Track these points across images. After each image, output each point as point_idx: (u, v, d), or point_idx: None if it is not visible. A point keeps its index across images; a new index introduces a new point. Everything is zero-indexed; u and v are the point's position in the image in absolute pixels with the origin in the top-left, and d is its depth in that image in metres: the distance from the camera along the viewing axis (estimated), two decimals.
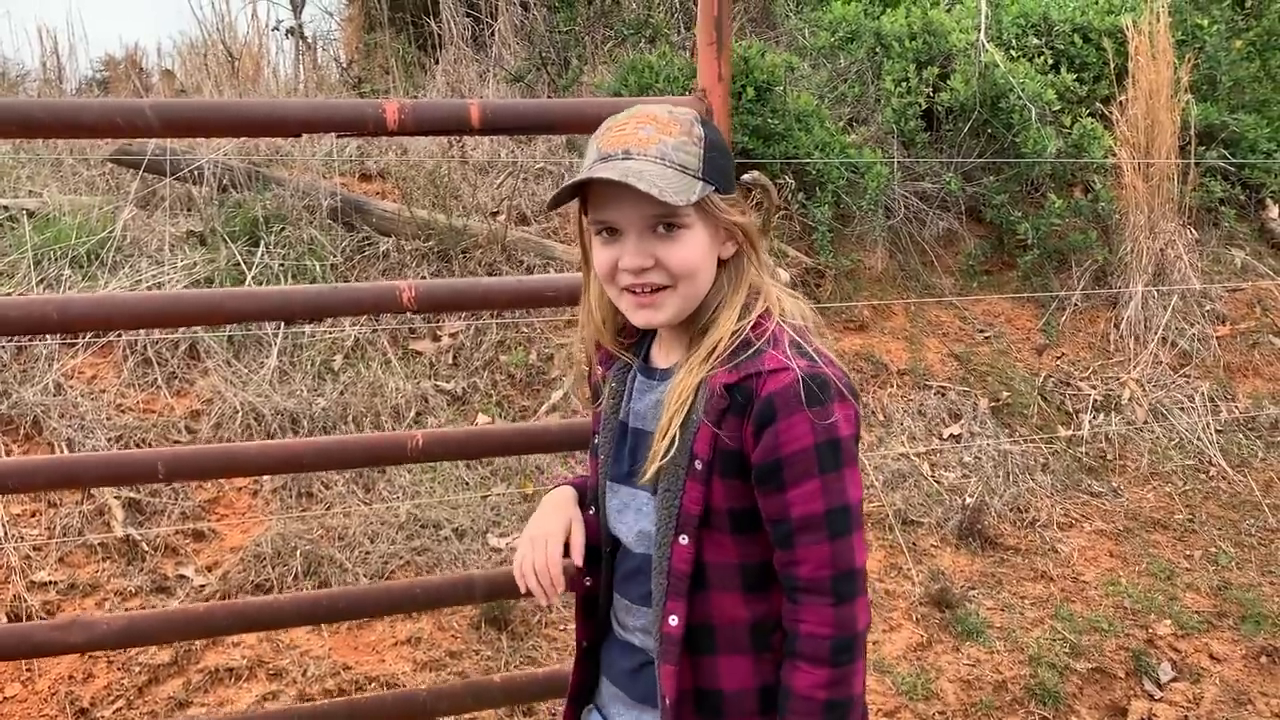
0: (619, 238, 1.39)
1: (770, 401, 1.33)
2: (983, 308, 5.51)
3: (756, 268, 1.46)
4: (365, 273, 4.73)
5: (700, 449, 1.37)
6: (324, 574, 3.51)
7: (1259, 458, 4.94)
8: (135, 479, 2.33)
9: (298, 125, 1.77)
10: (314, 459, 2.04)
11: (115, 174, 5.17)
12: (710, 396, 1.36)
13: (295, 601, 2.14)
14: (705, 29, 1.94)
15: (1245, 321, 5.69)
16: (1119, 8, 6.26)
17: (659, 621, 1.41)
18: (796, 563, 1.36)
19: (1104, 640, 3.67)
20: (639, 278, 1.38)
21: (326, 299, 1.92)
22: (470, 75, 6.60)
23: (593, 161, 1.36)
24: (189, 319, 2.16)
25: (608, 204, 1.38)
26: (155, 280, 4.37)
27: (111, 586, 3.39)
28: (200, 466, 2.06)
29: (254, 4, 12.23)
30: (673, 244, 1.37)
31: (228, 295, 1.94)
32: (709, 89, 1.95)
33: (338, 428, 4.06)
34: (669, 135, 1.36)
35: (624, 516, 1.50)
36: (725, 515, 1.39)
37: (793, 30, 6.54)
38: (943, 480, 4.48)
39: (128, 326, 2.20)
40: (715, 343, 1.39)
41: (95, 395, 3.98)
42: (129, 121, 1.68)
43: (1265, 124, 6.34)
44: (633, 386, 1.52)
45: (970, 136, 5.77)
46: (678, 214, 1.36)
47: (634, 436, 1.49)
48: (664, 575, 1.40)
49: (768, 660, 1.40)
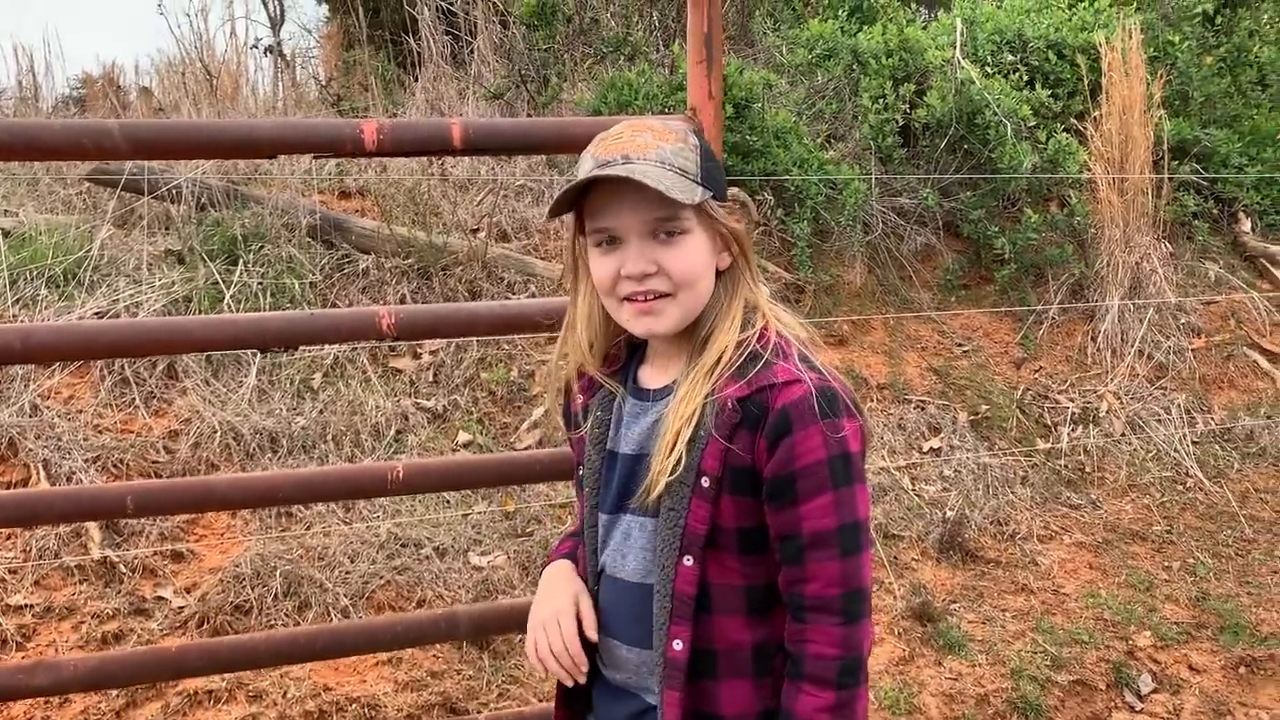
0: (619, 246, 1.38)
1: (785, 413, 1.32)
2: (961, 322, 5.54)
3: (750, 280, 1.46)
4: (345, 290, 4.71)
5: (709, 465, 1.34)
6: (304, 594, 3.49)
7: (1235, 469, 4.98)
8: (102, 514, 2.19)
9: (271, 146, 1.71)
10: (291, 492, 1.96)
11: (92, 193, 5.14)
12: (721, 411, 1.34)
13: (270, 640, 2.01)
14: (695, 47, 1.91)
15: (1220, 334, 5.75)
16: (1092, 25, 6.34)
17: (662, 646, 1.37)
18: (805, 580, 1.33)
19: (1085, 652, 3.69)
20: (642, 284, 1.36)
21: (302, 326, 1.84)
22: (450, 93, 6.60)
23: (591, 169, 1.34)
24: (155, 348, 2.07)
25: (608, 210, 1.37)
26: (133, 299, 4.34)
27: (89, 609, 3.35)
28: (172, 500, 1.98)
29: (232, 22, 12.25)
30: (675, 249, 1.37)
31: (198, 323, 1.85)
32: (699, 107, 1.92)
33: (317, 447, 4.04)
34: (666, 142, 1.36)
35: (620, 547, 1.45)
36: (733, 534, 1.36)
37: (770, 48, 6.59)
38: (923, 494, 4.50)
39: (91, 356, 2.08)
40: (718, 355, 1.37)
41: (72, 416, 3.95)
42: (96, 143, 1.63)
43: (1237, 138, 6.43)
44: (621, 413, 1.48)
45: (947, 152, 5.82)
46: (679, 219, 1.36)
47: (628, 463, 1.44)
48: (667, 598, 1.37)
49: (768, 684, 1.38)
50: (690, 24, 1.90)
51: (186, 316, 2.81)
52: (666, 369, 1.46)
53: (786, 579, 1.36)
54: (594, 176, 1.33)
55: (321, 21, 11.13)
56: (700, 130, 1.85)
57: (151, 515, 3.35)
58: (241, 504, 2.14)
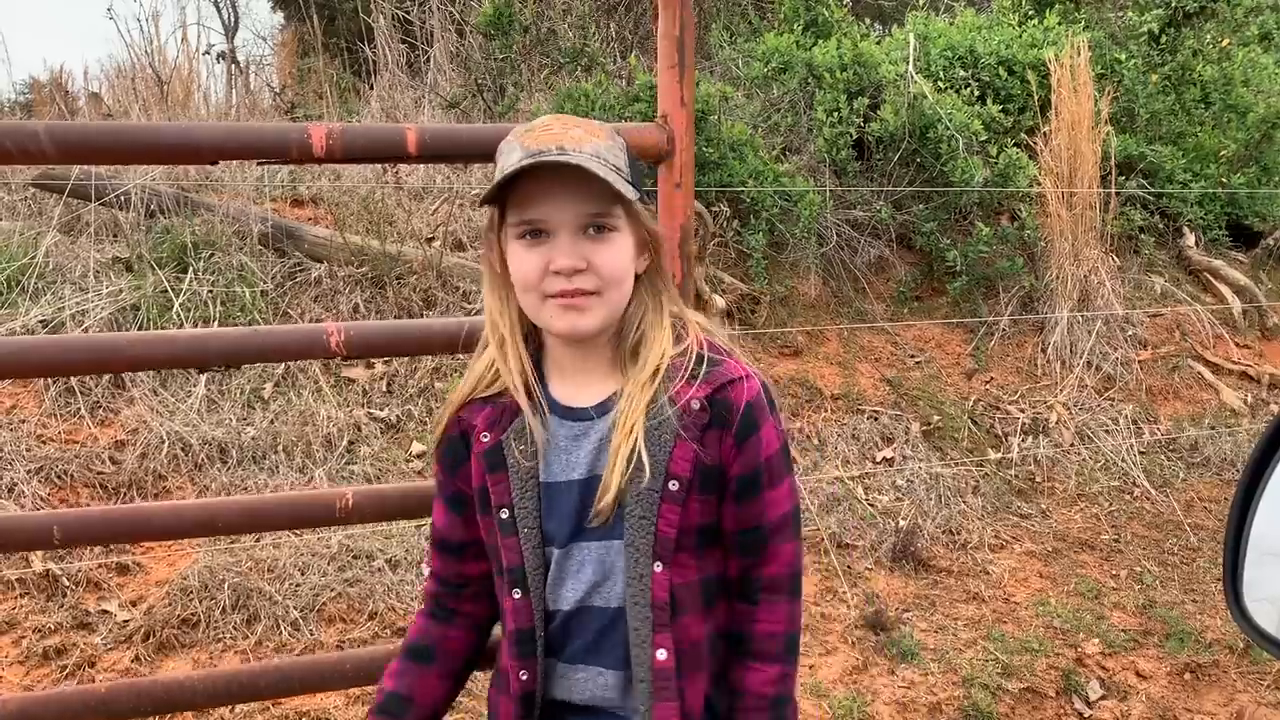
0: (546, 240, 1.32)
1: (750, 410, 1.36)
2: (914, 333, 5.60)
3: (669, 284, 1.44)
4: (297, 299, 4.66)
5: (679, 469, 1.33)
6: (253, 607, 3.43)
7: (1180, 478, 5.07)
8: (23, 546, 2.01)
9: (212, 151, 1.58)
10: (232, 520, 1.80)
11: (38, 198, 5.04)
12: (686, 414, 1.33)
13: (209, 679, 1.85)
14: (666, 51, 1.78)
15: (1165, 346, 5.86)
16: (1041, 42, 6.45)
17: (647, 659, 1.34)
18: (765, 563, 1.40)
19: (1035, 660, 3.73)
20: (571, 281, 1.31)
21: (246, 343, 1.70)
22: (405, 101, 6.57)
23: (523, 158, 1.29)
24: (87, 367, 1.87)
25: (538, 202, 1.32)
26: (79, 307, 4.26)
27: (30, 624, 3.27)
28: (104, 530, 1.80)
29: (184, 28, 12.10)
30: (604, 247, 1.33)
31: (130, 340, 1.68)
32: (670, 114, 1.80)
33: (268, 457, 3.98)
34: (598, 138, 1.33)
35: (578, 578, 1.38)
36: (694, 533, 1.37)
37: (726, 61, 6.63)
38: (876, 503, 4.53)
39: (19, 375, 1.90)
40: (656, 364, 1.35)
41: (15, 425, 3.86)
42: (20, 146, 1.49)
43: (1181, 155, 6.57)
44: (550, 439, 1.39)
45: (900, 165, 5.88)
46: (611, 215, 1.33)
47: (579, 490, 1.37)
48: (646, 608, 1.34)
49: (714, 672, 1.42)
50: (661, 26, 1.78)
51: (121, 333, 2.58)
52: (588, 383, 1.40)
53: (743, 566, 1.40)
54: (535, 163, 1.27)
55: (276, 29, 11.05)
56: (673, 139, 1.78)
57: (81, 545, 3.13)
58: (179, 533, 1.93)
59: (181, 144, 1.58)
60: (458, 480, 1.45)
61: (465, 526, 1.47)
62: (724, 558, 1.42)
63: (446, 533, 1.49)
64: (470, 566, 1.49)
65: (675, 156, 1.79)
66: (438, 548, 1.51)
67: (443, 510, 1.49)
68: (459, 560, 1.49)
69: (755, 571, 1.40)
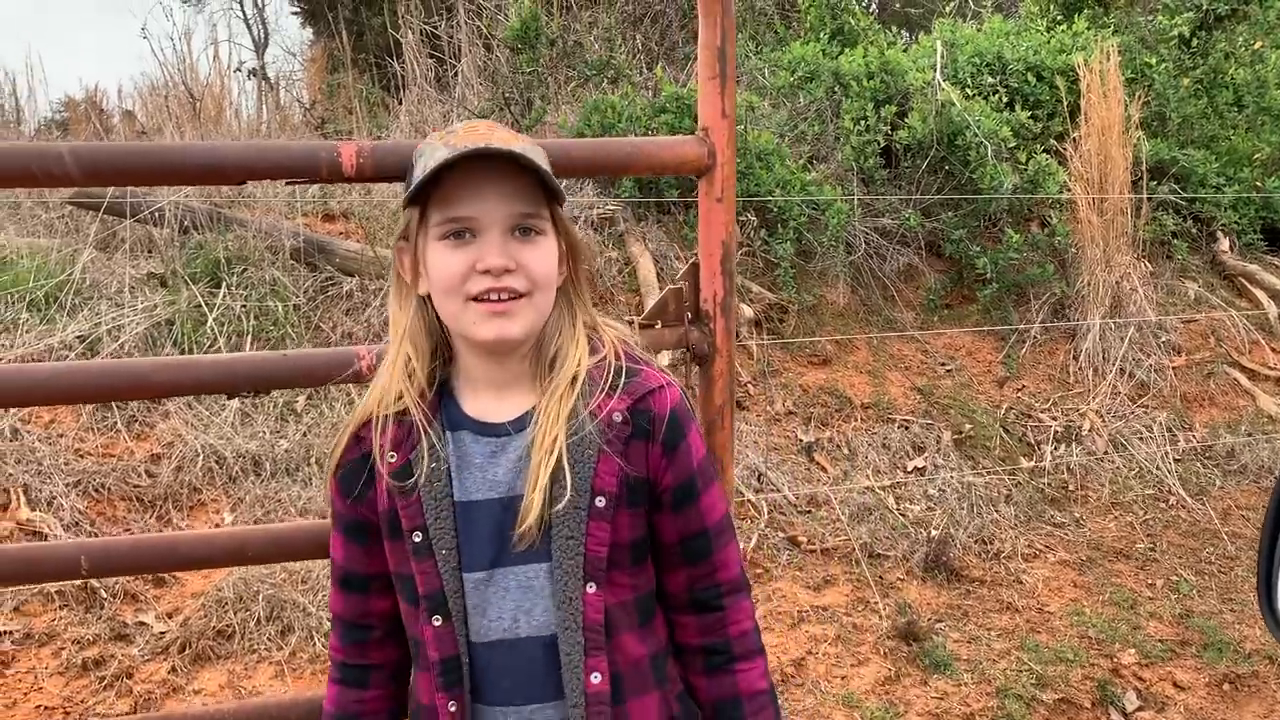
0: (471, 241, 1.26)
1: (675, 417, 1.33)
2: (944, 341, 5.57)
3: (583, 294, 1.39)
4: (329, 313, 4.71)
5: (604, 484, 1.28)
6: (287, 618, 3.46)
7: (1216, 486, 5.01)
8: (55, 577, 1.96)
9: (240, 172, 1.54)
10: (260, 548, 1.74)
11: (74, 216, 5.12)
12: (608, 427, 1.29)
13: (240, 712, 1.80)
14: (707, 62, 1.72)
15: (1200, 352, 5.80)
16: (1070, 47, 6.41)
17: (580, 685, 1.28)
18: (717, 568, 1.38)
19: (1070, 670, 3.69)
20: (499, 280, 1.25)
21: (275, 368, 1.65)
22: (434, 115, 6.62)
23: (449, 155, 1.23)
24: (112, 394, 1.77)
25: (466, 200, 1.26)
26: (115, 323, 4.32)
27: (69, 635, 3.32)
28: (132, 560, 1.77)
29: (216, 45, 12.27)
30: (533, 248, 1.28)
31: (158, 367, 1.64)
32: (711, 127, 1.74)
33: (300, 469, 4.02)
34: (522, 142, 1.29)
35: (502, 605, 1.31)
36: (627, 549, 1.32)
37: (753, 70, 6.63)
38: (907, 513, 4.50)
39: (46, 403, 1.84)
40: (572, 374, 1.31)
41: (53, 440, 3.92)
42: (45, 170, 1.47)
43: (1214, 159, 6.50)
44: (461, 456, 1.32)
45: (928, 173, 5.86)
46: (540, 217, 1.29)
47: (497, 509, 1.30)
48: (578, 632, 1.28)
49: (669, 692, 1.38)
50: (702, 37, 1.72)
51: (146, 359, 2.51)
52: (504, 397, 1.34)
53: (693, 576, 1.38)
54: (471, 151, 1.22)
55: (306, 44, 11.18)
56: (713, 153, 1.75)
57: (109, 575, 3.11)
58: (208, 563, 1.87)
59: (209, 164, 1.55)
60: (361, 507, 1.35)
61: (368, 558, 1.37)
62: (658, 572, 1.39)
63: (348, 566, 1.39)
64: (376, 602, 1.39)
65: (716, 170, 1.75)
66: (340, 585, 1.40)
67: (342, 542, 1.39)
68: (364, 596, 1.39)
69: (710, 579, 1.38)
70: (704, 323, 1.79)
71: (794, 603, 3.87)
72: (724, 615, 1.39)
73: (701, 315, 1.80)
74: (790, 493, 4.41)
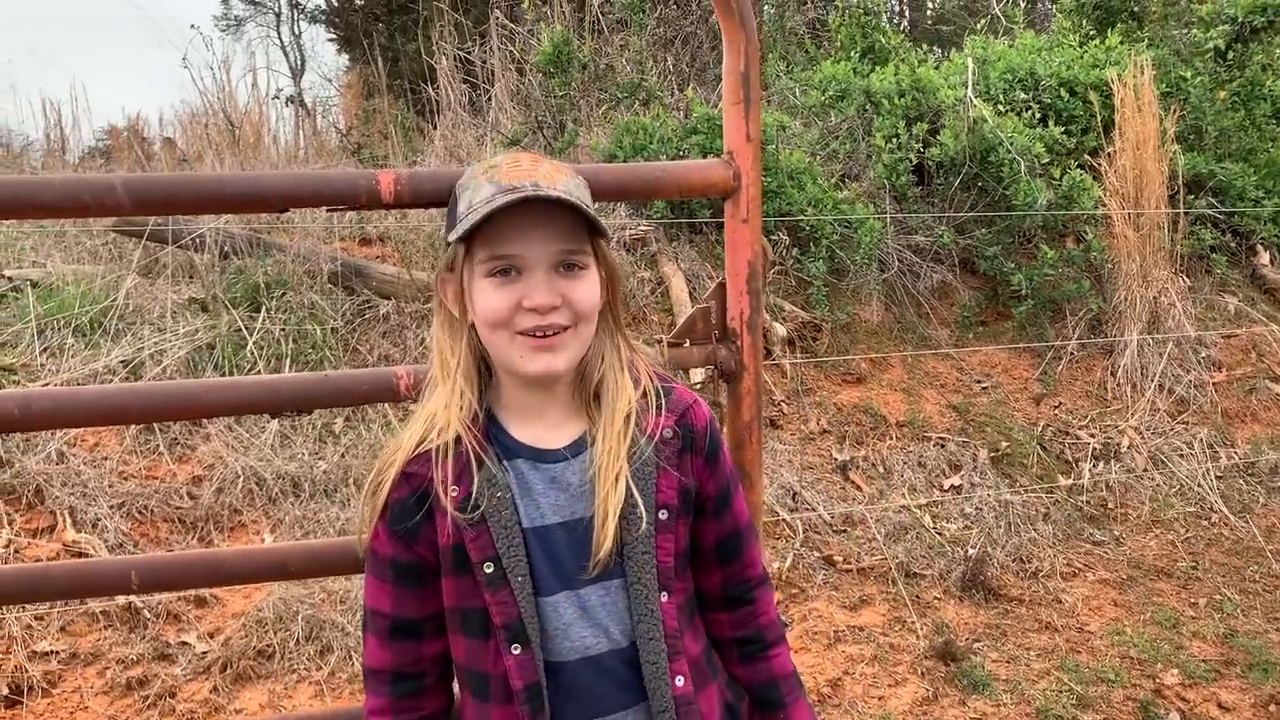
0: (517, 279, 1.29)
1: (711, 429, 1.43)
2: (979, 358, 5.54)
3: (619, 319, 1.42)
4: (366, 336, 4.77)
5: (666, 498, 1.36)
6: (326, 638, 3.50)
7: (1260, 503, 4.93)
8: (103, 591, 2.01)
9: (281, 200, 1.59)
10: (302, 564, 1.78)
11: (118, 243, 5.23)
12: (663, 444, 1.36)
13: None
14: (731, 87, 1.76)
15: (1241, 367, 5.72)
16: (1103, 62, 6.38)
17: (668, 689, 1.34)
18: (748, 565, 1.47)
19: (1111, 691, 3.64)
20: (545, 318, 1.29)
21: (317, 388, 1.70)
22: (468, 140, 6.70)
23: (494, 193, 1.26)
24: (159, 414, 1.85)
25: (510, 239, 1.28)
26: (157, 347, 4.41)
27: (113, 655, 3.37)
28: (179, 575, 1.82)
29: (254, 73, 12.49)
30: (577, 283, 1.31)
31: (207, 388, 1.70)
32: (736, 151, 1.78)
33: (339, 490, 4.07)
34: (565, 176, 1.32)
35: (579, 624, 1.33)
36: (684, 556, 1.41)
37: (784, 90, 6.66)
38: (944, 532, 4.47)
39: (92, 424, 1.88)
40: (627, 409, 1.35)
41: (98, 463, 3.99)
42: (97, 200, 1.53)
43: (1252, 171, 6.43)
44: (523, 482, 1.34)
45: (961, 190, 5.85)
46: (584, 252, 1.32)
47: (561, 533, 1.33)
48: (660, 640, 1.34)
49: (720, 680, 1.46)
50: (726, 63, 1.77)
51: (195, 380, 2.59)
52: (554, 424, 1.38)
53: (727, 575, 1.46)
54: (520, 198, 1.25)
55: (342, 71, 11.34)
56: (739, 176, 1.78)
57: (157, 591, 3.21)
58: (252, 578, 1.92)
59: (251, 193, 1.60)
60: (417, 546, 1.33)
61: (423, 601, 1.35)
62: (697, 574, 1.46)
63: (399, 614, 1.35)
64: (429, 647, 1.37)
65: (742, 192, 1.79)
66: (389, 635, 1.36)
67: (391, 590, 1.35)
68: (417, 643, 1.36)
69: (741, 576, 1.47)
70: (731, 341, 1.83)
71: (830, 623, 3.85)
72: (754, 608, 1.48)
73: (729, 334, 1.83)
74: (825, 512, 4.40)
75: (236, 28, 16.36)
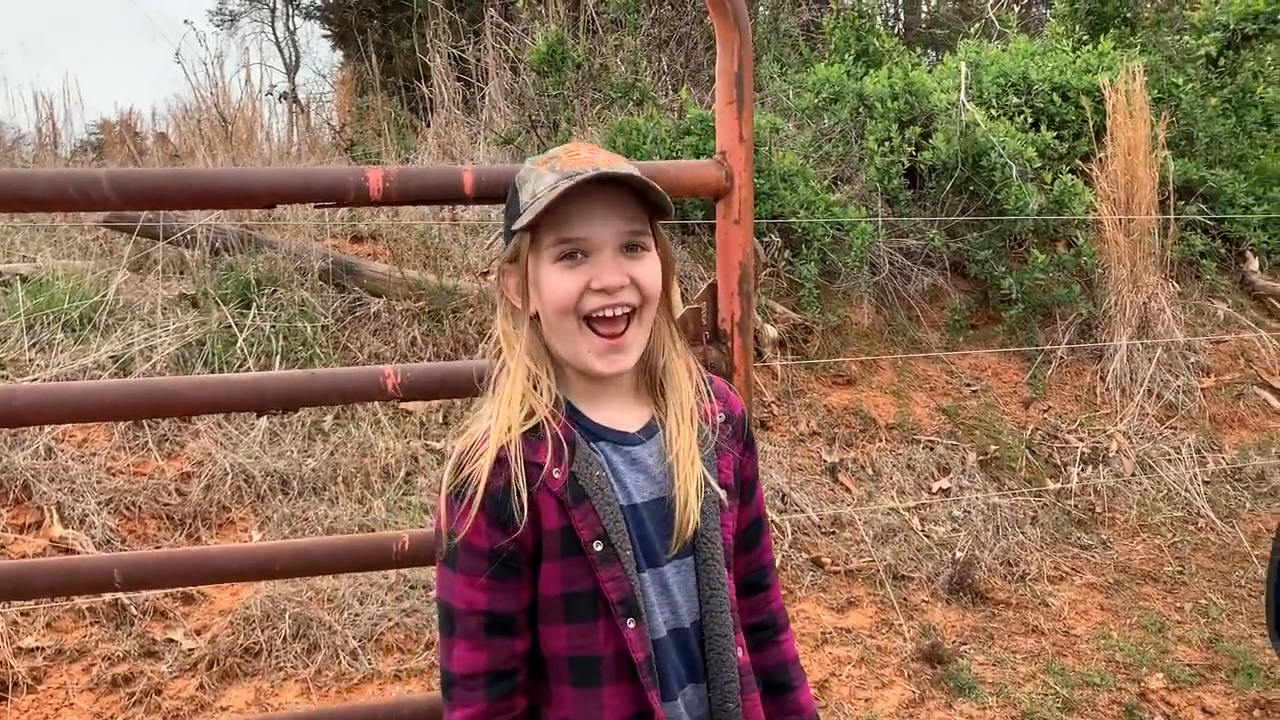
0: (583, 261, 1.31)
1: (746, 416, 1.49)
2: (969, 362, 5.55)
3: (672, 307, 1.44)
4: (356, 333, 4.76)
5: (726, 479, 1.42)
6: (313, 636, 3.50)
7: (1247, 508, 4.95)
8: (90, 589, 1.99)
9: (269, 196, 1.58)
10: (288, 563, 1.77)
11: (109, 238, 5.22)
12: (718, 428, 1.43)
13: None
14: (724, 87, 1.77)
15: (1230, 373, 5.74)
16: (1096, 67, 6.40)
17: (734, 661, 1.39)
18: (764, 550, 1.53)
19: (1096, 694, 3.66)
20: (614, 297, 1.31)
21: (302, 386, 1.70)
22: (461, 138, 6.69)
23: (558, 180, 1.28)
24: (144, 411, 1.87)
25: (577, 222, 1.30)
26: (147, 343, 4.39)
27: (99, 651, 3.36)
28: (163, 573, 1.81)
29: (248, 69, 12.46)
30: (641, 264, 1.34)
31: (188, 384, 1.68)
32: (729, 151, 1.79)
33: (328, 489, 4.06)
34: (622, 161, 1.35)
35: (665, 601, 1.36)
36: (734, 536, 1.47)
37: (777, 92, 6.66)
38: (932, 534, 4.49)
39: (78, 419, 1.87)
40: (690, 403, 1.40)
41: (86, 459, 3.98)
42: (83, 193, 1.53)
43: (1243, 178, 6.46)
44: (611, 463, 1.36)
45: (953, 194, 5.86)
46: (646, 234, 1.35)
47: (648, 512, 1.36)
48: (727, 614, 1.38)
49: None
50: (719, 63, 1.78)
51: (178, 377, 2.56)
52: (623, 408, 1.40)
53: (749, 561, 1.51)
54: (591, 177, 1.26)
55: (336, 67, 11.31)
56: (731, 176, 1.79)
57: (141, 589, 3.21)
58: (237, 576, 1.90)
59: (240, 189, 1.60)
60: (518, 535, 1.28)
61: (517, 593, 1.32)
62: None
63: (496, 609, 1.31)
64: (520, 643, 1.33)
65: (734, 193, 1.80)
66: (485, 633, 1.31)
67: (486, 585, 1.30)
68: (510, 639, 1.32)
69: (759, 561, 1.52)
70: (722, 342, 1.84)
71: (817, 624, 3.86)
72: (769, 593, 1.54)
73: (720, 335, 1.84)
74: (814, 513, 4.41)
75: (231, 23, 16.33)
